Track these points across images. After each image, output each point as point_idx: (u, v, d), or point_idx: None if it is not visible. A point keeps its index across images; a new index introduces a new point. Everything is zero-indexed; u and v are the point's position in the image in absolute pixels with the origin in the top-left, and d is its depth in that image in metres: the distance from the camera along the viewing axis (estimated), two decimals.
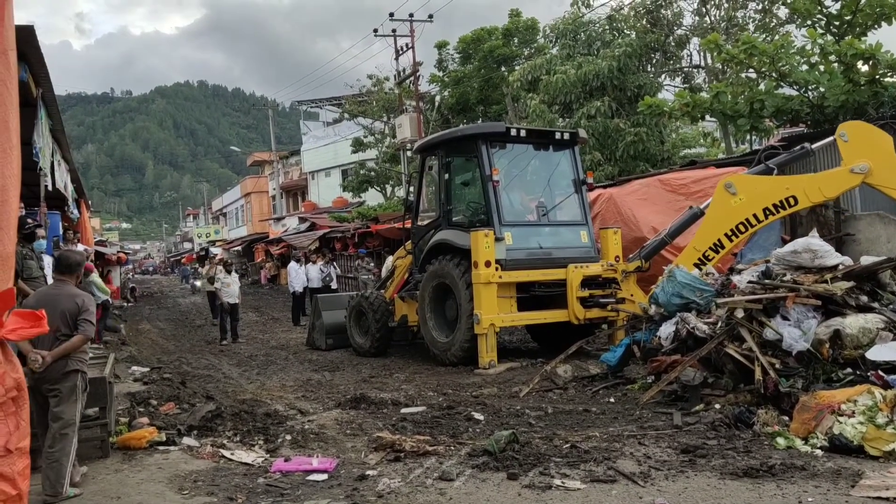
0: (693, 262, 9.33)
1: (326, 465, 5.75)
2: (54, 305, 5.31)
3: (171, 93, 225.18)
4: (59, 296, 5.49)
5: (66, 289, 5.56)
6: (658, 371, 7.70)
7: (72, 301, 5.44)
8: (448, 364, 10.91)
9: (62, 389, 5.32)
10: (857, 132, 9.24)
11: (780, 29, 19.39)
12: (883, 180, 8.91)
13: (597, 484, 5.06)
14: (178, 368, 11.89)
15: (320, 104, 50.58)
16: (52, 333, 5.17)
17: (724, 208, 9.49)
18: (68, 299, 5.44)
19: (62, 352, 5.28)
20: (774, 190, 9.29)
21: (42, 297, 5.59)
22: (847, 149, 9.16)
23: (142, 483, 5.62)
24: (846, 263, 7.34)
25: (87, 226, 18.84)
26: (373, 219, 28.18)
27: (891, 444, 5.31)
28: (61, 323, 5.33)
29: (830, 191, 9.17)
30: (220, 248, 53.90)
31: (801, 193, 9.15)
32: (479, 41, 29.18)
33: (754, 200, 9.30)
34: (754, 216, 9.22)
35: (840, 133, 9.29)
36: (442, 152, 11.84)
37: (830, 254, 7.37)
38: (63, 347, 5.29)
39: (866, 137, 9.11)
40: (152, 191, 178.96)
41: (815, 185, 9.19)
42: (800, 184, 9.27)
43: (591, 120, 19.13)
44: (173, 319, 23.93)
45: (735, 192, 9.42)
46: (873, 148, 8.97)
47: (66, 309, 5.39)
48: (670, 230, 10.36)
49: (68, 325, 5.38)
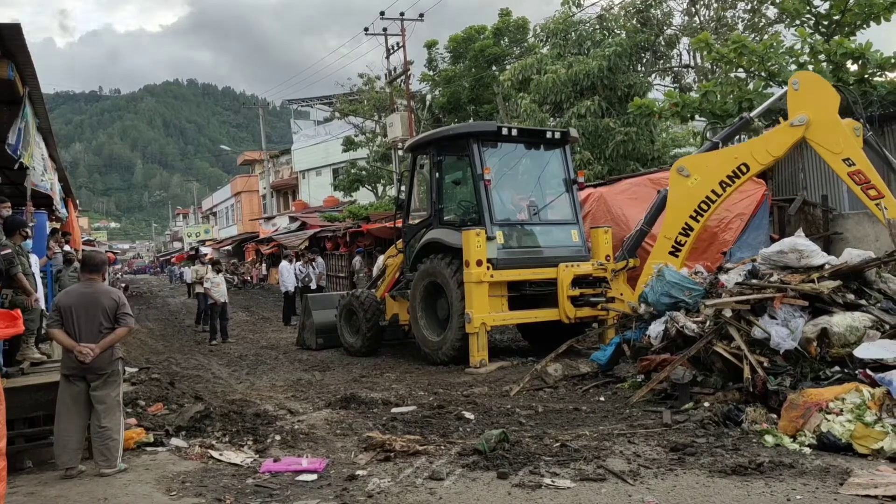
0: (668, 252, 9.35)
1: (316, 466, 5.73)
2: (94, 303, 5.95)
3: (161, 91, 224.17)
4: (96, 293, 6.04)
5: (100, 287, 6.15)
6: (648, 370, 7.72)
7: (109, 297, 6.05)
8: (439, 363, 10.91)
9: (110, 375, 5.96)
10: (808, 82, 9.05)
11: (770, 28, 19.45)
12: (818, 137, 8.70)
13: (586, 482, 5.06)
14: (167, 369, 11.84)
15: (311, 103, 50.45)
16: (97, 328, 5.88)
17: (682, 192, 9.49)
18: (106, 296, 6.05)
19: (109, 343, 5.91)
20: (724, 162, 9.26)
21: (79, 296, 6.04)
22: (794, 98, 8.97)
23: (129, 484, 5.58)
24: (832, 263, 7.36)
25: (75, 225, 18.71)
26: (364, 218, 28.11)
27: (879, 441, 5.34)
28: (103, 318, 5.94)
29: (776, 149, 9.02)
30: (210, 248, 53.74)
31: (750, 159, 9.08)
32: (470, 40, 29.16)
33: (708, 177, 9.28)
34: (713, 192, 9.21)
35: (793, 81, 9.13)
36: (433, 151, 11.83)
37: (816, 253, 7.39)
38: (110, 339, 5.91)
39: (815, 90, 8.89)
40: (141, 190, 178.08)
41: (760, 147, 9.12)
42: (747, 150, 9.21)
43: (582, 119, 19.14)
44: (162, 319, 23.82)
45: (688, 174, 9.44)
46: (818, 102, 8.77)
47: (106, 305, 5.98)
48: (646, 219, 10.32)
49: (109, 320, 5.96)
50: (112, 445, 5.84)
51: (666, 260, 9.32)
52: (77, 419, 5.85)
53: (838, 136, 8.51)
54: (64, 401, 5.87)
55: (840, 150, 8.49)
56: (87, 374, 5.87)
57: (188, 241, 68.93)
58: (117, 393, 6.03)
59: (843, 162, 8.45)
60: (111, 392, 5.95)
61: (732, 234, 11.65)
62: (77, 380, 5.87)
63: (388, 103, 31.11)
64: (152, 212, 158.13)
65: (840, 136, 8.49)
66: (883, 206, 8.18)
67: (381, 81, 33.13)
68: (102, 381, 5.91)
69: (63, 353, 6.00)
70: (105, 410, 5.87)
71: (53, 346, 8.12)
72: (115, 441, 5.86)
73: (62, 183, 14.44)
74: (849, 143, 8.44)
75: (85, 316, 5.90)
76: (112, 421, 5.88)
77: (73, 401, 5.86)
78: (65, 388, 5.89)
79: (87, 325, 5.88)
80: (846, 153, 8.44)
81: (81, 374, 5.86)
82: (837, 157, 8.54)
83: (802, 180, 12.74)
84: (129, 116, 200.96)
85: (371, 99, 34.39)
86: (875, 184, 8.29)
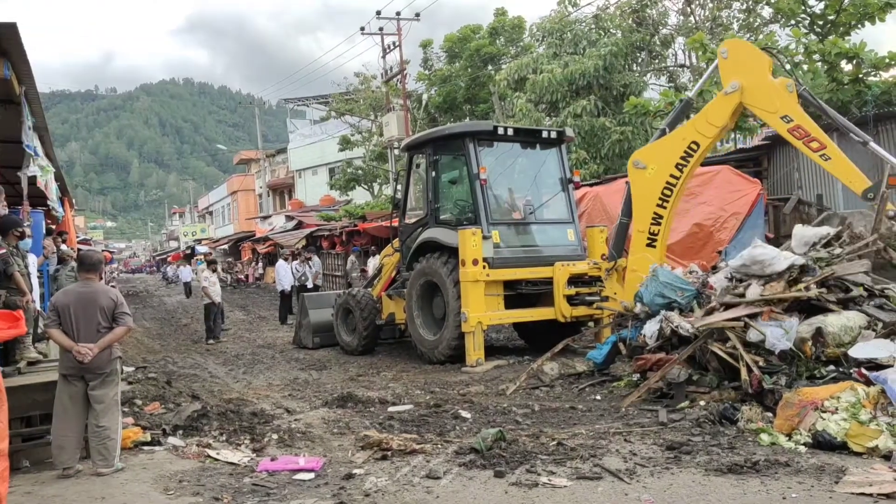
0: (645, 245, 9.43)
1: (313, 465, 5.74)
2: (92, 302, 5.95)
3: (157, 90, 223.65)
4: (93, 293, 6.04)
5: (97, 286, 6.15)
6: (643, 369, 7.74)
7: (107, 297, 6.05)
8: (435, 362, 10.92)
9: (108, 374, 5.97)
10: (736, 49, 9.09)
11: (764, 28, 19.51)
12: (754, 100, 8.73)
13: (583, 481, 5.08)
14: (164, 368, 11.83)
15: (307, 102, 50.39)
16: (95, 327, 5.89)
17: (643, 184, 9.56)
18: (104, 296, 6.04)
19: (108, 342, 5.91)
20: (674, 145, 9.32)
21: (77, 295, 6.03)
22: (725, 67, 9.02)
23: (126, 483, 5.58)
24: (796, 263, 7.37)
25: (71, 224, 18.68)
26: (360, 217, 28.10)
27: (874, 440, 5.36)
28: (101, 317, 5.95)
29: (717, 119, 9.01)
30: (207, 247, 53.65)
31: (697, 135, 9.12)
32: (466, 40, 29.17)
33: (663, 164, 9.35)
34: (671, 176, 9.27)
35: (721, 50, 9.18)
36: (429, 150, 11.84)
37: (778, 259, 7.38)
38: (108, 339, 5.92)
39: (743, 56, 8.92)
40: (137, 189, 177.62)
41: (702, 121, 9.14)
42: (691, 127, 9.26)
43: (578, 119, 19.18)
44: (159, 318, 23.79)
45: (644, 166, 9.51)
46: (748, 67, 8.79)
47: (104, 305, 5.98)
48: (623, 210, 10.32)
49: (107, 319, 5.97)
50: (110, 445, 5.85)
51: (644, 252, 9.42)
52: (75, 419, 5.86)
53: (772, 96, 8.54)
54: (62, 400, 5.87)
55: (776, 109, 8.52)
56: (86, 374, 5.88)
57: (184, 241, 68.80)
58: (115, 392, 6.04)
59: (782, 120, 8.48)
60: (109, 392, 5.96)
61: (728, 234, 11.70)
62: (75, 379, 5.88)
63: (384, 103, 31.09)
64: (148, 211, 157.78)
65: (774, 95, 8.53)
66: (827, 155, 8.20)
67: (377, 81, 33.10)
68: (101, 380, 5.92)
69: (61, 353, 6.00)
70: (103, 410, 5.88)
71: (50, 346, 8.11)
72: (112, 441, 5.87)
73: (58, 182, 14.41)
74: (784, 101, 8.46)
75: (83, 316, 5.90)
76: (110, 420, 5.89)
77: (72, 400, 5.86)
78: (63, 388, 5.89)
79: (86, 325, 5.88)
80: (783, 111, 8.46)
81: (80, 374, 5.87)
82: (775, 116, 8.57)
83: (798, 180, 12.78)
84: (125, 115, 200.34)
85: (367, 98, 34.37)
86: (816, 136, 8.29)
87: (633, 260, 9.55)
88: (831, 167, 8.32)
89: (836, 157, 8.19)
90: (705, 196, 12.41)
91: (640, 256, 9.40)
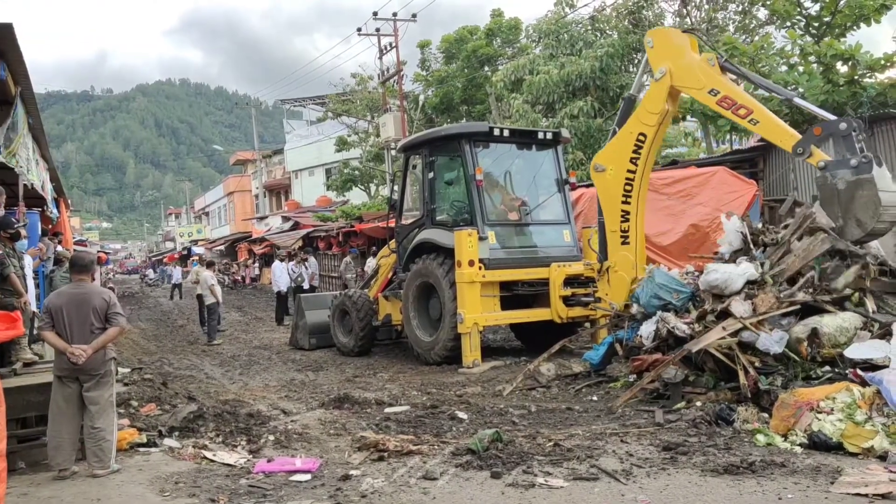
0: (620, 244, 9.59)
1: (310, 466, 5.74)
2: (85, 304, 5.91)
3: (153, 91, 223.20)
4: (86, 294, 6.00)
5: (89, 287, 6.11)
6: (640, 370, 7.75)
7: (100, 298, 6.01)
8: (432, 363, 10.92)
9: (102, 375, 5.93)
10: (659, 37, 9.33)
11: (760, 30, 19.56)
12: (682, 81, 8.91)
13: (579, 482, 5.09)
14: (160, 369, 11.80)
15: (304, 103, 50.34)
16: (88, 328, 5.85)
17: (605, 185, 9.75)
18: (97, 297, 6.01)
19: (101, 343, 5.87)
20: (624, 141, 9.51)
21: (70, 297, 6.00)
22: (653, 55, 9.26)
23: (122, 485, 5.57)
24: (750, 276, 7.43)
25: (66, 225, 18.64)
26: (357, 218, 28.08)
27: (869, 440, 5.38)
28: (94, 318, 5.91)
29: (654, 106, 9.19)
30: (203, 248, 53.58)
31: (641, 125, 9.30)
32: (462, 41, 29.18)
33: (619, 162, 9.53)
34: (629, 171, 9.46)
35: (647, 40, 9.43)
36: (426, 151, 11.84)
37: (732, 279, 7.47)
38: (101, 340, 5.87)
39: (667, 42, 9.16)
40: (133, 190, 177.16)
41: (643, 111, 9.34)
42: (635, 120, 9.43)
43: (574, 120, 19.19)
44: (155, 320, 23.75)
45: (604, 168, 9.70)
46: (671, 51, 9.02)
47: (97, 306, 5.94)
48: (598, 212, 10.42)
49: (100, 320, 5.94)
50: (105, 446, 5.83)
51: (621, 251, 9.60)
52: (70, 420, 5.84)
53: (697, 73, 8.72)
54: (57, 402, 5.86)
55: (703, 85, 8.68)
56: (80, 376, 5.86)
57: (180, 241, 68.74)
58: (110, 394, 6.02)
59: (709, 94, 8.61)
60: (104, 393, 5.95)
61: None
62: (70, 381, 5.87)
63: (380, 103, 31.08)
64: (144, 212, 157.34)
65: (698, 71, 8.71)
66: (755, 119, 8.31)
67: (373, 82, 33.11)
68: (95, 381, 5.90)
69: (55, 355, 5.98)
70: (98, 411, 5.85)
71: (45, 347, 8.09)
72: (108, 442, 5.85)
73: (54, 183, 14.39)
74: (708, 76, 8.64)
75: (76, 317, 5.87)
76: (105, 422, 5.87)
77: (66, 402, 5.85)
78: (57, 390, 5.87)
79: (79, 326, 5.86)
80: (709, 85, 8.61)
81: (74, 376, 5.85)
82: (703, 92, 8.74)
83: (793, 180, 12.82)
84: (122, 116, 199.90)
85: (364, 99, 34.37)
86: (742, 103, 8.41)
87: (612, 260, 9.73)
88: (761, 129, 8.48)
89: (764, 119, 8.31)
90: (701, 197, 12.44)
91: (619, 255, 9.60)
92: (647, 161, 9.45)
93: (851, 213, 7.16)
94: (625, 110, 9.84)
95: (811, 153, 7.65)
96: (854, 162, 7.22)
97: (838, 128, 7.51)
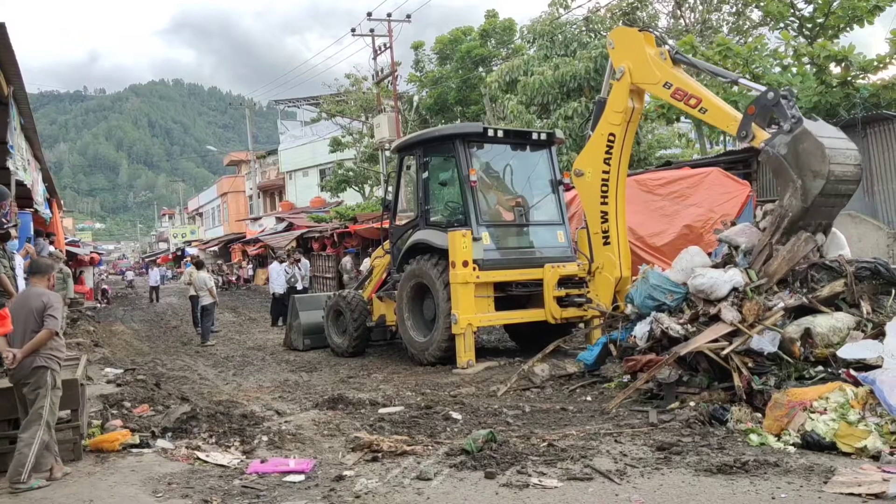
0: (602, 244, 9.85)
1: (303, 466, 5.72)
2: (27, 306, 5.78)
3: (146, 91, 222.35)
4: (29, 296, 5.91)
5: (35, 290, 5.98)
6: (634, 370, 7.75)
7: (38, 300, 5.79)
8: (426, 364, 10.91)
9: (32, 384, 5.64)
10: (619, 37, 9.58)
11: (754, 31, 19.63)
12: (640, 77, 9.14)
13: (573, 482, 5.09)
14: (153, 370, 11.75)
15: (298, 104, 50.31)
16: (28, 331, 5.65)
17: (586, 189, 10.04)
18: (36, 298, 5.82)
19: (30, 348, 5.61)
20: (596, 143, 9.79)
21: (18, 299, 6.00)
22: (614, 55, 9.52)
23: (115, 486, 5.55)
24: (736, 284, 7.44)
25: (59, 226, 18.58)
26: (351, 219, 28.07)
27: (862, 440, 5.39)
28: (33, 320, 5.70)
29: (618, 105, 9.44)
30: (197, 249, 53.45)
31: (610, 126, 9.56)
32: (457, 42, 29.22)
33: (594, 164, 9.80)
34: (604, 172, 9.71)
35: (608, 42, 9.71)
36: (420, 152, 11.83)
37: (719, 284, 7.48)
38: (30, 344, 5.62)
39: (625, 41, 9.41)
40: (126, 190, 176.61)
41: (609, 111, 9.58)
42: (603, 122, 9.68)
43: (569, 121, 19.23)
44: (148, 320, 23.68)
45: (582, 173, 9.96)
46: (629, 50, 9.26)
47: (34, 307, 5.75)
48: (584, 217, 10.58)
49: (37, 322, 5.71)
50: (20, 459, 5.45)
51: (604, 251, 9.82)
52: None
53: (652, 69, 9.00)
54: (20, 408, 5.73)
55: (658, 80, 8.94)
56: (17, 382, 5.67)
57: (174, 242, 68.60)
58: (41, 406, 5.61)
59: (664, 87, 8.87)
60: (36, 402, 5.61)
61: None
62: (16, 386, 5.71)
63: (375, 104, 31.07)
64: (138, 212, 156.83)
65: (653, 66, 8.97)
66: (704, 108, 8.50)
67: (368, 82, 33.09)
68: (29, 389, 5.64)
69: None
70: (26, 422, 5.58)
71: None
72: (22, 455, 5.45)
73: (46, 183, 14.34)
74: (662, 69, 8.90)
75: (21, 319, 5.68)
76: (27, 434, 5.52)
77: (23, 408, 5.70)
78: (17, 398, 5.76)
79: (21, 329, 5.67)
80: (663, 79, 8.87)
81: (14, 381, 5.70)
82: (659, 87, 8.99)
83: None
84: (115, 116, 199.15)
85: (358, 100, 34.35)
86: (693, 93, 8.64)
87: (598, 261, 9.94)
88: (709, 118, 8.69)
89: (712, 107, 8.53)
90: (695, 198, 12.48)
91: (604, 256, 9.84)
92: (620, 161, 9.66)
93: (804, 169, 7.26)
94: (597, 113, 9.99)
95: (754, 134, 7.76)
96: (787, 126, 7.46)
97: (767, 98, 7.75)
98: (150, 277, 35.77)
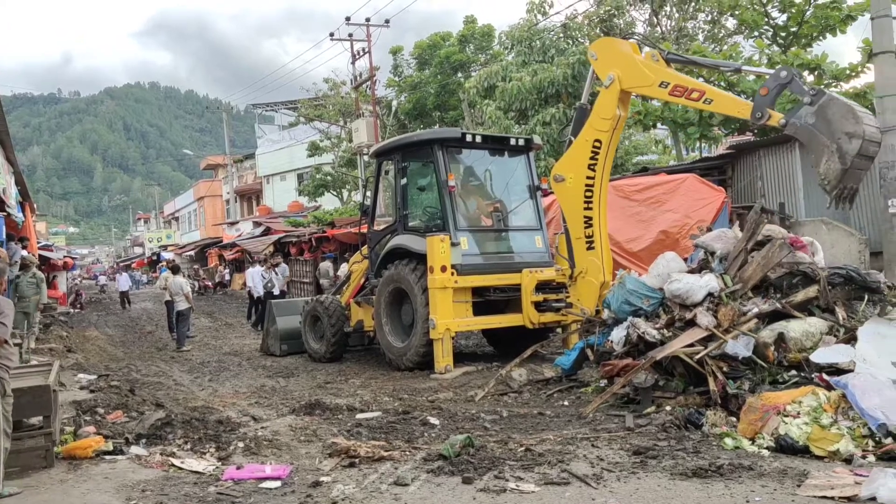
0: (586, 249, 9.83)
1: (280, 473, 5.68)
2: None
3: (121, 94, 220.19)
4: None
5: None
6: (611, 375, 7.79)
7: None
8: (404, 369, 10.88)
9: None
10: (601, 48, 9.67)
11: (729, 39, 19.88)
12: (632, 83, 9.21)
13: (550, 486, 5.10)
14: (127, 376, 11.60)
15: (276, 107, 50.14)
16: None
17: (566, 194, 9.98)
18: None
19: None
20: (581, 150, 9.74)
21: None
22: (598, 66, 9.57)
23: (87, 493, 5.47)
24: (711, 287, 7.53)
25: (32, 230, 18.32)
26: (329, 223, 27.97)
27: (835, 443, 5.46)
28: None
29: (606, 112, 9.46)
30: (173, 253, 52.97)
31: (596, 132, 9.55)
32: (435, 47, 29.25)
33: (577, 170, 9.77)
34: (587, 178, 9.69)
35: (590, 54, 9.76)
36: (398, 157, 11.82)
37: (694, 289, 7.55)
38: None
39: (609, 50, 9.51)
40: (101, 194, 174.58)
41: (596, 118, 9.58)
42: (589, 128, 9.67)
43: (546, 126, 19.33)
44: (122, 326, 23.40)
45: (563, 178, 9.93)
46: (615, 58, 9.33)
47: None
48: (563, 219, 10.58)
49: None
50: None
51: (587, 256, 9.80)
52: None
53: (644, 72, 9.02)
54: None
55: (651, 81, 8.96)
56: None
57: (150, 247, 67.91)
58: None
59: (661, 87, 8.90)
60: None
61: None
62: None
63: (353, 108, 31.02)
64: (112, 216, 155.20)
65: (645, 69, 9.00)
66: (708, 98, 8.57)
67: (346, 87, 33.03)
68: None
69: None
70: None
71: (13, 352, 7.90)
72: None
73: (19, 187, 14.14)
74: (655, 70, 8.94)
75: None
76: None
77: None
78: None
79: None
80: (658, 79, 8.90)
81: None
82: (654, 87, 9.01)
83: (761, 188, 13.02)
84: (89, 119, 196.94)
85: (336, 104, 34.27)
86: (693, 87, 8.72)
87: (581, 266, 9.90)
88: (716, 107, 8.80)
89: (717, 96, 8.64)
90: (671, 204, 12.59)
91: (587, 261, 9.81)
92: (604, 166, 9.70)
93: (837, 132, 7.34)
94: (578, 120, 10.04)
95: (770, 115, 7.88)
96: (807, 99, 7.58)
97: (781, 77, 7.88)
98: (119, 282, 35.02)
